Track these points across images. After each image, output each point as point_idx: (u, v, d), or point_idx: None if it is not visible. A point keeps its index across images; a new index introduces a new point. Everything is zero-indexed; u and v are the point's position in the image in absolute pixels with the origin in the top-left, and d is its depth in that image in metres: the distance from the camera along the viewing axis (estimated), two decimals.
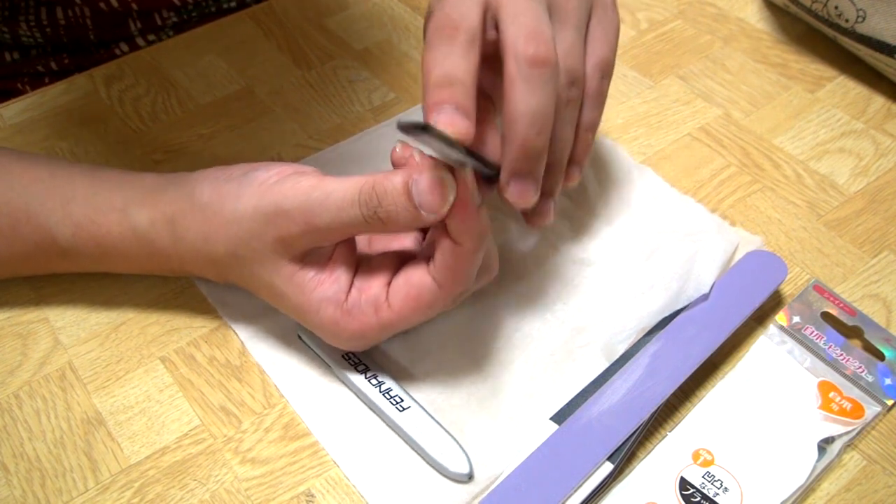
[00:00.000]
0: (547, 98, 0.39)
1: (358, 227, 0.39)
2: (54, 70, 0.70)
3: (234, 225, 0.41)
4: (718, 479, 0.41)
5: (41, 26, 0.68)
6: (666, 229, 0.51)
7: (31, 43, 0.69)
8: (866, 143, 0.57)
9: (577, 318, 0.47)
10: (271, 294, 0.42)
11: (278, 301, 0.43)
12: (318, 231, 0.39)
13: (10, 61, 0.70)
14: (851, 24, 0.58)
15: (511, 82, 0.39)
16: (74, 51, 0.70)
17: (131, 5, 0.68)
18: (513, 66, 0.39)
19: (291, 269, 0.41)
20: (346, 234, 0.40)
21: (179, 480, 0.42)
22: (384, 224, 0.39)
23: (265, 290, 0.43)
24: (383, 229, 0.39)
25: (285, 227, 0.40)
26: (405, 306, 0.41)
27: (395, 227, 0.39)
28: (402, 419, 0.43)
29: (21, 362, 0.46)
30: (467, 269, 0.40)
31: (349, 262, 0.42)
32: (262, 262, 0.41)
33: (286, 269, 0.41)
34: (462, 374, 0.45)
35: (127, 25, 0.70)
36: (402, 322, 0.41)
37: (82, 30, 0.69)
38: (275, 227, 0.40)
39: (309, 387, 0.45)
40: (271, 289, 0.42)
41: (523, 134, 0.39)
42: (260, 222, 0.40)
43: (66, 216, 0.45)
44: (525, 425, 0.43)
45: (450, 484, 0.41)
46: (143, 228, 0.44)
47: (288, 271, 0.41)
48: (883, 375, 0.45)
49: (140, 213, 0.44)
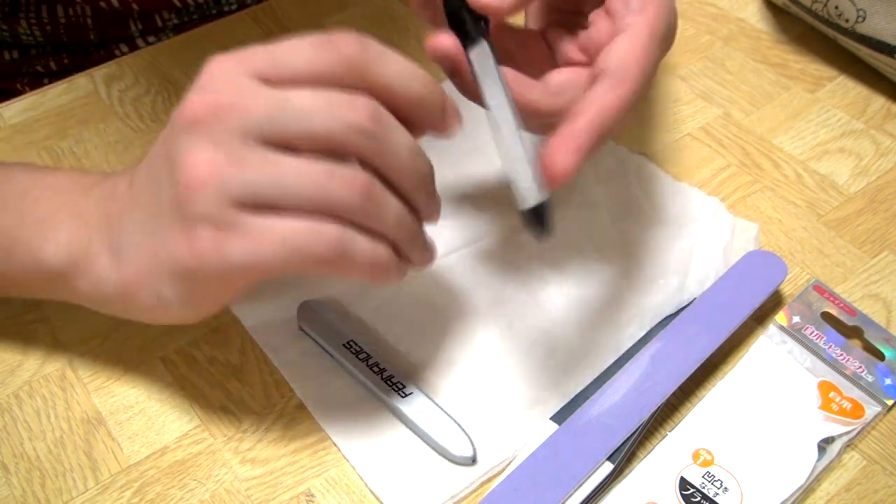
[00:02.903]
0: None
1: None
2: (54, 70, 0.70)
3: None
4: (718, 479, 0.41)
5: (41, 24, 0.68)
6: (665, 220, 0.52)
7: (31, 42, 0.69)
8: (866, 143, 0.57)
9: (578, 315, 0.47)
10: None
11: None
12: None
13: (10, 60, 0.70)
14: (851, 24, 0.58)
15: (636, 30, 0.38)
16: (74, 51, 0.70)
17: (132, 5, 0.68)
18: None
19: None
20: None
21: (179, 480, 0.42)
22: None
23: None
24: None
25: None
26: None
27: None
28: (404, 405, 0.43)
29: (21, 362, 0.46)
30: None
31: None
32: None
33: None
34: (463, 361, 0.46)
35: (127, 26, 0.70)
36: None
37: (83, 29, 0.69)
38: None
39: (311, 375, 0.45)
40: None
41: (631, 88, 0.37)
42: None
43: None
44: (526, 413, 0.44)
45: (453, 467, 0.42)
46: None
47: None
48: (883, 375, 0.45)
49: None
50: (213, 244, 0.34)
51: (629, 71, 0.38)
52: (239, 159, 0.34)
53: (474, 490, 0.42)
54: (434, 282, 0.49)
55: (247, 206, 0.34)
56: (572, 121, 0.37)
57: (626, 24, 0.39)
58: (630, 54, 0.38)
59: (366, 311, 0.48)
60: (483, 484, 0.42)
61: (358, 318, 0.48)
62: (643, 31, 0.39)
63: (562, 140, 0.36)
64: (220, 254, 0.34)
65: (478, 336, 0.47)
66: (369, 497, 0.42)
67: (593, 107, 0.37)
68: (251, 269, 0.35)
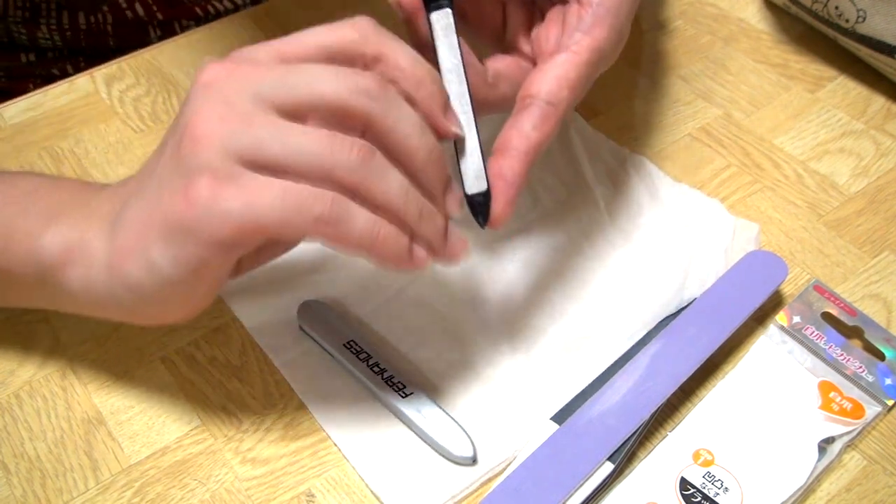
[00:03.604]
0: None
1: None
2: (70, 73, 0.70)
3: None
4: (719, 479, 0.41)
5: (62, 30, 0.68)
6: (665, 221, 0.52)
7: (49, 46, 0.69)
8: (867, 144, 0.57)
9: (579, 315, 0.47)
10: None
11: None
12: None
13: (26, 63, 0.70)
14: (852, 24, 0.58)
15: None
16: (91, 55, 0.70)
17: (156, 15, 0.68)
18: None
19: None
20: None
21: (180, 480, 0.42)
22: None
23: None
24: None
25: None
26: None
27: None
28: (404, 405, 0.43)
29: (21, 362, 0.46)
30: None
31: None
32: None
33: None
34: (463, 362, 0.46)
35: (147, 33, 0.70)
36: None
37: (102, 36, 0.69)
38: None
39: (311, 375, 0.45)
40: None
41: (558, 117, 0.40)
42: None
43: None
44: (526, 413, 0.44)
45: (453, 468, 0.42)
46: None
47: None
48: (883, 375, 0.45)
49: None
50: (211, 192, 0.34)
51: (559, 102, 0.40)
52: (247, 117, 0.34)
53: (474, 490, 0.42)
54: (434, 282, 0.49)
55: (249, 161, 0.34)
56: (505, 158, 0.39)
57: (573, 41, 0.41)
58: (563, 82, 0.40)
59: (366, 312, 0.48)
60: (483, 484, 0.42)
61: (358, 318, 0.48)
62: (583, 57, 0.40)
63: (498, 193, 0.39)
64: (216, 203, 0.34)
65: (478, 336, 0.47)
66: (369, 497, 0.42)
67: (523, 144, 0.39)
68: (246, 225, 0.34)
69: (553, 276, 0.49)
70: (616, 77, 0.61)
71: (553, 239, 0.51)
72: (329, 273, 0.49)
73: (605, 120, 0.58)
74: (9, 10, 0.67)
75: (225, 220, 0.34)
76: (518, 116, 0.40)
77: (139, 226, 0.36)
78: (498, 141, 0.40)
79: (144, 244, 0.36)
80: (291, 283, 0.49)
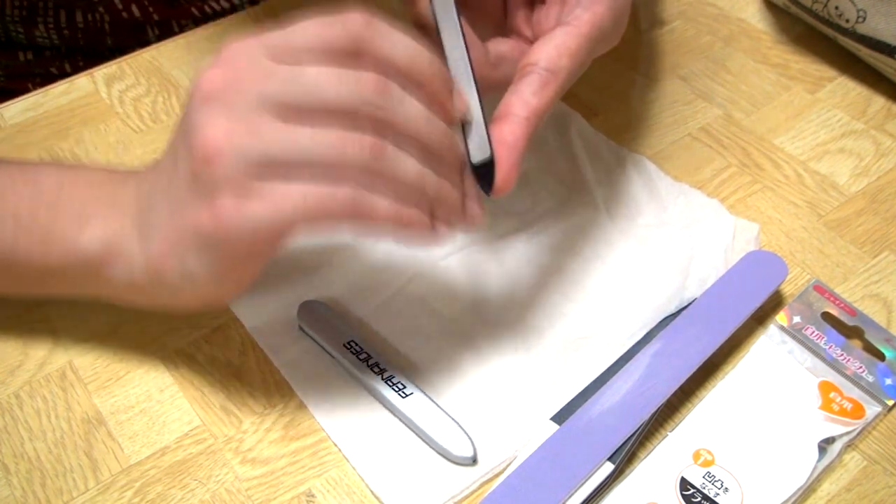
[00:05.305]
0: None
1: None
2: (68, 72, 0.70)
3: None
4: (719, 480, 0.41)
5: (59, 29, 0.68)
6: (665, 221, 0.52)
7: (47, 44, 0.69)
8: (867, 144, 0.57)
9: (579, 315, 0.47)
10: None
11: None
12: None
13: (24, 61, 0.70)
14: (852, 24, 0.58)
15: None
16: (89, 54, 0.70)
17: (152, 15, 0.68)
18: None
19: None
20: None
21: (180, 480, 0.42)
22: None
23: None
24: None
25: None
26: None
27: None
28: (404, 405, 0.43)
29: (21, 362, 0.46)
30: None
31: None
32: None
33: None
34: (463, 362, 0.46)
35: (144, 32, 0.70)
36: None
37: (100, 34, 0.69)
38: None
39: (311, 375, 0.45)
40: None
41: (557, 87, 0.40)
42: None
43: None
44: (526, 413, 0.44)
45: (454, 468, 0.42)
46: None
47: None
48: (883, 376, 0.45)
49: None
50: (235, 209, 0.35)
51: (559, 70, 0.40)
52: (254, 128, 0.35)
53: (475, 490, 0.42)
54: (434, 282, 0.49)
55: (264, 172, 0.35)
56: (506, 124, 0.39)
57: (573, 17, 0.41)
58: (562, 50, 0.40)
59: (366, 311, 0.48)
60: (483, 484, 0.42)
61: (358, 318, 0.48)
62: (582, 30, 0.41)
63: (502, 158, 0.39)
64: (243, 217, 0.35)
65: (478, 336, 0.47)
66: (369, 497, 0.42)
67: (523, 110, 0.39)
68: (276, 230, 0.35)
69: (553, 275, 0.49)
70: (616, 77, 0.61)
71: (553, 239, 0.51)
72: (329, 273, 0.49)
73: (604, 120, 0.58)
74: (6, 8, 0.67)
75: (255, 231, 0.35)
76: (518, 84, 0.40)
77: (171, 235, 0.38)
78: (499, 108, 0.40)
79: (179, 253, 0.38)
80: (291, 283, 0.49)
